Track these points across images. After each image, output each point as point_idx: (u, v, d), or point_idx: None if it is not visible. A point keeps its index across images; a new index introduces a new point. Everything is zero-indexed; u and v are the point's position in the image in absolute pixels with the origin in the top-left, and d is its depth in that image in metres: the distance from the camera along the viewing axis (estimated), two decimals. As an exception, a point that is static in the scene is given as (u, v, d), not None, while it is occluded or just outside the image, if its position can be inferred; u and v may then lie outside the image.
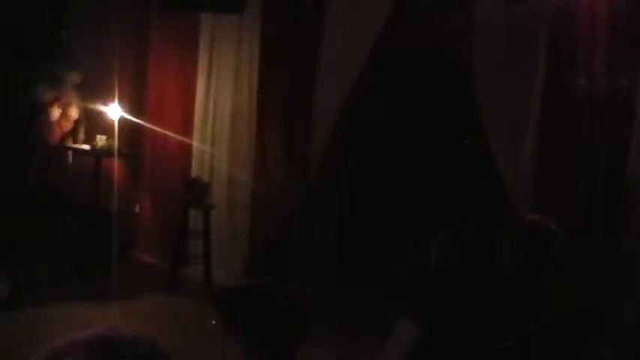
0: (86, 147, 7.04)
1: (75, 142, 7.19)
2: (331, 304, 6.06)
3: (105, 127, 6.93)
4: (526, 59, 5.82)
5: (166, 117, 7.27)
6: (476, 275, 3.19)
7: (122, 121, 6.73)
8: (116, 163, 7.01)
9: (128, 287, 6.19)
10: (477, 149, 6.49)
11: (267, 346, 2.12)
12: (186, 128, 7.19)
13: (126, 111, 6.79)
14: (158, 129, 7.15)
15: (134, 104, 7.19)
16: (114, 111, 6.70)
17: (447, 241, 3.23)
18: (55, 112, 7.11)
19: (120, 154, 6.86)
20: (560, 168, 5.74)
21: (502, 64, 5.89)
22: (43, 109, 7.09)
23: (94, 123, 7.14)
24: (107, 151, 6.85)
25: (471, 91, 6.15)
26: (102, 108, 6.84)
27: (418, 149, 6.93)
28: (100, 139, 6.89)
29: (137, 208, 7.50)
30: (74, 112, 7.18)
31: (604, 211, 5.52)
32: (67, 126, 7.21)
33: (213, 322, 2.15)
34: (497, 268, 3.30)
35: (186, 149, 7.19)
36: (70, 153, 7.27)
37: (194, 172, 7.09)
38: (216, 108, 7.10)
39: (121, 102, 6.70)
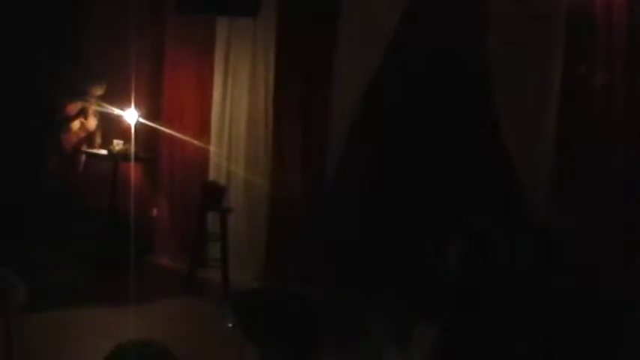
0: (103, 152, 7.07)
1: (92, 146, 7.21)
2: (350, 306, 6.05)
3: (122, 131, 6.95)
4: (542, 56, 5.80)
5: (183, 121, 7.29)
6: (492, 276, 3.17)
7: (139, 125, 6.76)
8: (133, 168, 7.04)
9: (146, 291, 6.21)
10: (494, 149, 6.46)
11: (283, 350, 2.12)
12: (203, 132, 7.21)
13: (142, 115, 6.82)
14: (175, 133, 7.17)
15: (151, 108, 7.21)
16: (131, 115, 6.73)
17: (464, 241, 3.21)
18: (76, 125, 7.13)
19: (137, 158, 6.88)
20: (578, 167, 5.71)
21: (518, 61, 5.87)
22: (64, 121, 7.11)
23: (110, 128, 7.16)
24: (124, 156, 6.87)
25: (487, 90, 6.13)
26: (119, 113, 6.87)
27: (434, 149, 6.90)
28: (117, 144, 6.92)
29: (154, 212, 7.52)
30: (93, 124, 7.20)
31: (622, 211, 5.47)
32: (84, 134, 7.23)
33: (230, 325, 2.15)
34: (513, 268, 3.28)
35: (203, 153, 7.20)
36: (86, 158, 7.29)
37: (211, 175, 7.11)
38: (232, 111, 7.11)
39: (137, 106, 6.72)
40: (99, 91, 7.12)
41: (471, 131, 6.91)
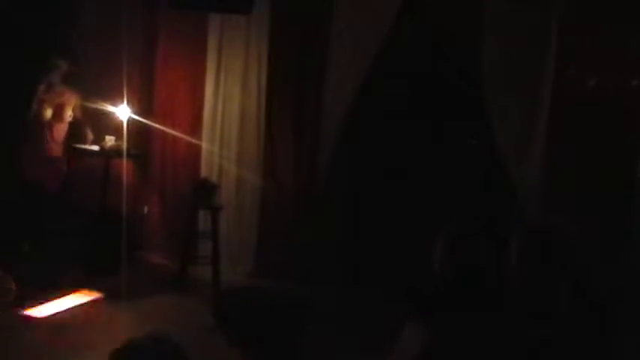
0: (95, 148, 7.03)
1: (83, 142, 7.15)
2: (339, 305, 6.06)
3: (114, 127, 6.92)
4: (535, 58, 5.81)
5: (175, 118, 7.27)
6: (484, 278, 3.17)
7: (131, 122, 6.73)
8: (125, 164, 7.01)
9: (137, 288, 6.20)
10: (486, 150, 6.48)
11: (266, 349, 2.10)
12: (195, 129, 7.19)
13: (135, 112, 6.80)
14: (167, 130, 7.16)
15: (143, 105, 7.19)
16: (122, 112, 6.71)
17: (454, 243, 3.21)
18: (47, 113, 6.90)
19: (128, 154, 6.85)
20: (570, 168, 5.72)
21: (511, 63, 5.88)
22: (34, 105, 6.87)
23: (102, 124, 7.12)
24: (116, 152, 6.84)
25: (479, 91, 6.14)
26: (110, 109, 6.83)
27: (426, 150, 6.91)
28: (109, 140, 6.89)
29: (146, 209, 7.50)
30: (67, 114, 7.00)
31: (614, 213, 5.49)
32: (62, 128, 7.04)
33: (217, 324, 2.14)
34: (505, 270, 3.28)
35: (195, 150, 7.19)
36: (77, 154, 7.23)
37: (203, 172, 7.09)
38: (224, 108, 7.10)
39: (129, 103, 6.69)
40: (63, 67, 6.92)
41: (464, 132, 6.92)
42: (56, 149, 6.99)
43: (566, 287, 3.16)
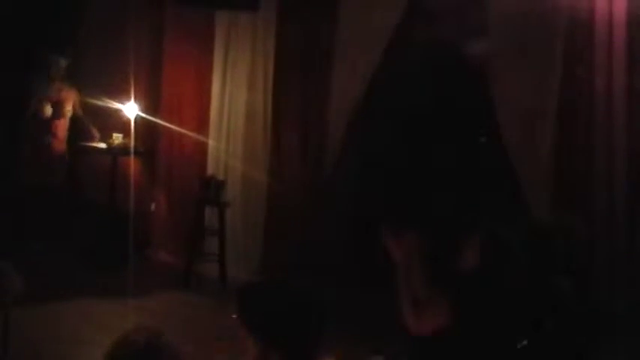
0: (102, 145, 7.06)
1: (89, 140, 7.16)
2: (347, 302, 6.06)
3: (121, 125, 6.95)
4: (542, 56, 5.80)
5: (182, 115, 7.28)
6: (493, 274, 3.17)
7: (138, 119, 6.76)
8: (132, 162, 7.04)
9: (144, 285, 6.22)
10: (493, 147, 6.46)
11: (285, 343, 2.12)
12: (202, 126, 7.20)
13: (142, 109, 6.81)
14: (174, 127, 7.17)
15: (150, 103, 7.20)
16: (130, 109, 6.73)
17: (464, 240, 3.21)
18: (47, 110, 6.89)
19: (136, 152, 6.88)
20: (577, 167, 5.71)
21: (518, 61, 5.87)
22: (33, 105, 6.86)
23: (110, 121, 7.14)
24: (123, 150, 6.87)
25: (486, 89, 6.13)
26: (118, 106, 6.85)
27: (433, 148, 6.90)
28: (116, 138, 6.91)
29: (153, 206, 7.52)
30: (66, 110, 6.98)
31: (621, 211, 5.48)
32: (62, 124, 7.02)
33: (234, 316, 2.15)
34: (512, 267, 3.28)
35: (202, 147, 7.20)
36: (84, 151, 7.24)
37: (209, 170, 7.10)
38: (231, 106, 7.11)
39: (137, 100, 6.71)
40: (63, 63, 6.90)
41: (470, 131, 6.91)
42: (58, 146, 7.00)
43: (570, 285, 3.17)
